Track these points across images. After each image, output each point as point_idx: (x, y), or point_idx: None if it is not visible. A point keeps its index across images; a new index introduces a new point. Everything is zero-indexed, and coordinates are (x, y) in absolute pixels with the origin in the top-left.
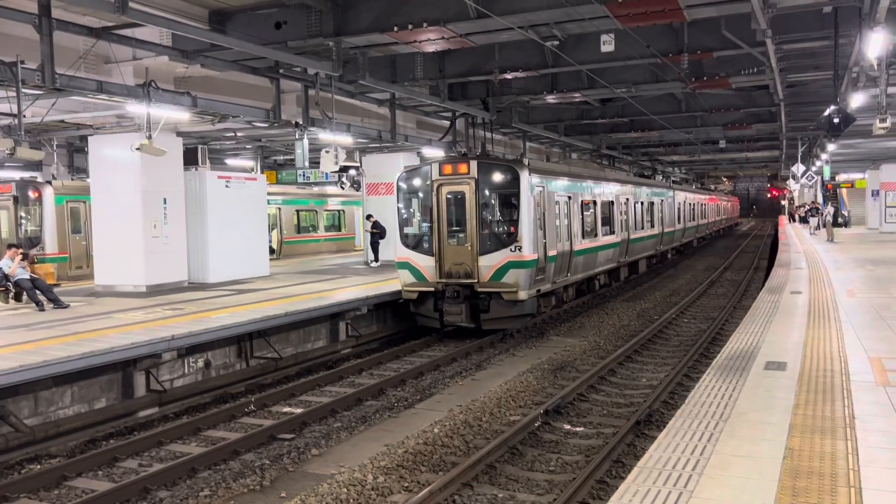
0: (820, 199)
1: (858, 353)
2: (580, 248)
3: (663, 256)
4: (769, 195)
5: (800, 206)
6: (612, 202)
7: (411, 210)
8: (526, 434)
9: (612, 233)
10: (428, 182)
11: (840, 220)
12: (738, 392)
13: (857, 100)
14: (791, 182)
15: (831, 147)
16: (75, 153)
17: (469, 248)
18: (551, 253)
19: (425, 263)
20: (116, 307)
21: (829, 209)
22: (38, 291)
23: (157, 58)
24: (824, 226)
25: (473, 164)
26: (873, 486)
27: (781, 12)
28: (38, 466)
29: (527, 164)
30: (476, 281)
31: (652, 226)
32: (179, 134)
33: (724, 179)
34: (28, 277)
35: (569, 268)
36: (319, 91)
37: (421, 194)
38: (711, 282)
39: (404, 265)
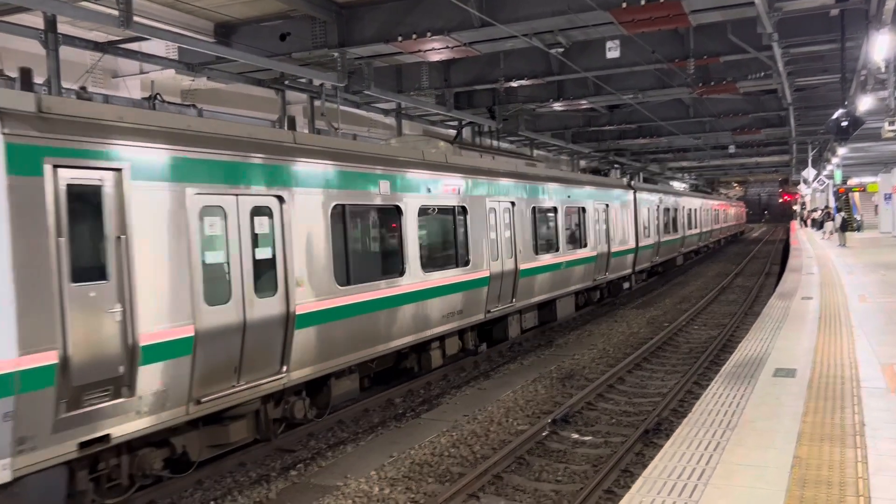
0: (833, 204)
1: (870, 360)
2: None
3: (615, 287)
4: (781, 200)
5: (812, 211)
6: (463, 208)
7: None
8: (533, 444)
9: (468, 263)
10: None
11: (854, 224)
12: (746, 400)
13: (865, 103)
14: (802, 186)
15: (842, 151)
16: None
17: None
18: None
19: None
20: None
21: (838, 215)
22: None
23: (163, 71)
24: (837, 230)
25: None
26: (882, 496)
27: (787, 16)
28: None
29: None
30: None
31: (583, 245)
32: None
33: (735, 185)
34: None
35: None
36: (325, 102)
37: None
38: (722, 288)
39: None
